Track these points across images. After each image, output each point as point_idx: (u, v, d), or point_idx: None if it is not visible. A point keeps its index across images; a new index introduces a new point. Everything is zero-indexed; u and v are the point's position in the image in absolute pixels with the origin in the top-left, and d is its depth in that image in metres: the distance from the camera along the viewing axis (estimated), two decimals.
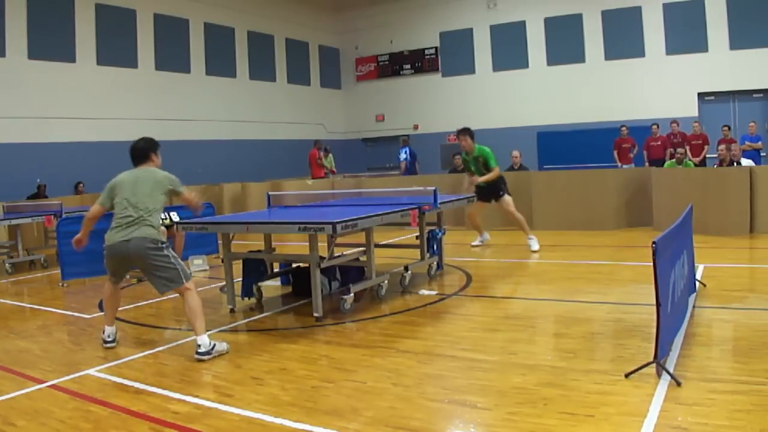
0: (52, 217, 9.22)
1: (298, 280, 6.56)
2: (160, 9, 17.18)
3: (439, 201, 6.75)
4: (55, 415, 3.55)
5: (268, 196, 7.35)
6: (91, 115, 15.13)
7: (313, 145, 16.52)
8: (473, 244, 9.34)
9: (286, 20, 21.20)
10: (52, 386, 4.03)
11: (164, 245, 4.67)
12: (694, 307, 5.01)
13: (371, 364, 4.22)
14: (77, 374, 4.24)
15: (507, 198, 8.83)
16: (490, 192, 8.84)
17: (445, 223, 7.86)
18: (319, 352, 4.66)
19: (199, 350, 4.45)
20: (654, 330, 3.57)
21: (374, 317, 5.48)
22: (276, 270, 6.78)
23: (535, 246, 8.56)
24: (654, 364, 3.57)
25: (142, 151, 5.12)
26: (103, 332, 4.92)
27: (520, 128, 18.89)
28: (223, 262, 5.97)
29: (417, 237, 7.18)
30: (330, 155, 16.59)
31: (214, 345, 4.52)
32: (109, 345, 4.88)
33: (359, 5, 22.39)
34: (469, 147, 8.93)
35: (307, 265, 5.83)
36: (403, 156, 15.70)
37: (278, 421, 3.31)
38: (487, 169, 8.79)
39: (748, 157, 11.80)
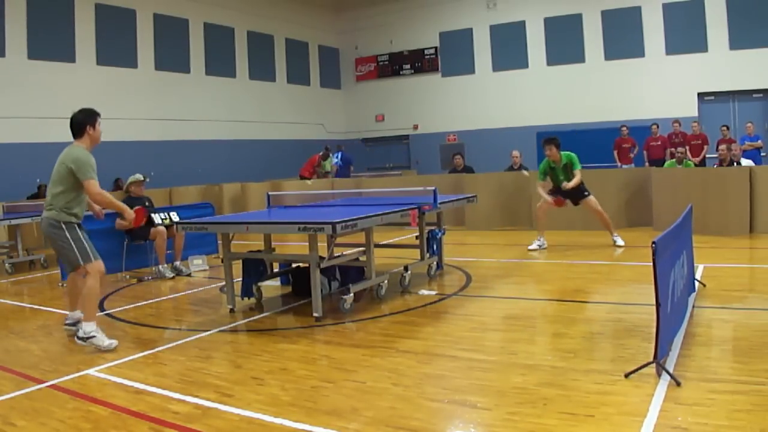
0: None
1: (298, 280, 6.56)
2: (160, 9, 17.18)
3: (439, 201, 6.74)
4: (55, 415, 3.54)
5: (268, 196, 7.35)
6: None
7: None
8: (531, 247, 8.76)
9: (286, 20, 21.20)
10: (52, 386, 4.02)
11: (65, 226, 4.78)
12: (694, 307, 5.01)
13: (371, 364, 4.22)
14: (77, 374, 4.24)
15: (592, 198, 8.73)
16: (575, 194, 8.77)
17: (445, 223, 7.86)
18: (319, 352, 4.66)
19: (78, 333, 4.76)
20: (654, 330, 3.57)
21: (374, 317, 5.48)
22: (276, 270, 6.78)
23: (621, 242, 8.60)
24: (654, 364, 3.57)
25: (77, 124, 4.90)
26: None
27: (520, 128, 18.91)
28: (223, 262, 5.97)
29: (417, 237, 7.18)
30: (330, 156, 16.55)
31: (94, 336, 4.70)
32: (68, 329, 5.22)
33: (359, 5, 22.39)
34: (555, 157, 8.73)
35: (307, 265, 5.83)
36: (335, 160, 15.72)
37: (278, 421, 3.31)
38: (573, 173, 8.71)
39: (748, 157, 11.81)
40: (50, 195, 4.85)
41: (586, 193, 8.75)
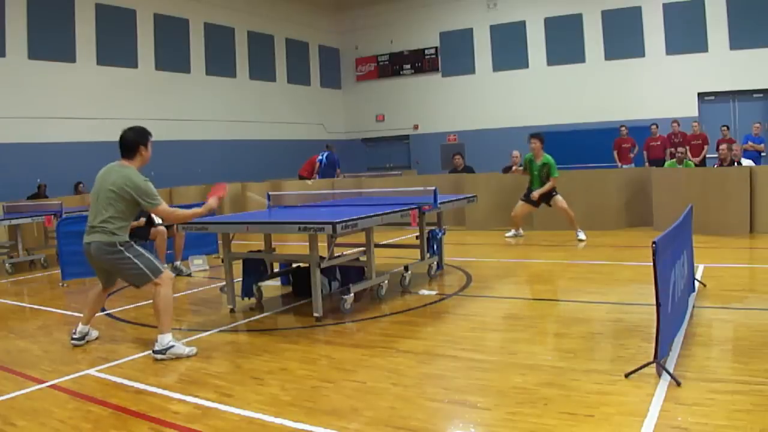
0: (52, 217, 9.21)
1: (298, 280, 6.56)
2: (160, 9, 17.18)
3: (439, 201, 6.74)
4: (55, 415, 3.55)
5: (268, 196, 7.35)
6: (91, 115, 15.12)
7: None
8: (508, 235, 9.98)
9: (286, 20, 21.21)
10: (52, 386, 4.03)
11: (123, 247, 4.53)
12: (694, 307, 5.01)
13: (371, 364, 4.22)
14: (77, 374, 4.24)
15: (559, 197, 9.38)
16: (544, 197, 9.42)
17: (445, 223, 7.86)
18: (319, 352, 4.66)
19: (154, 347, 4.50)
20: (654, 330, 3.57)
21: (374, 317, 5.48)
22: (276, 270, 6.78)
23: (582, 236, 9.23)
24: (654, 364, 3.57)
25: (129, 143, 4.62)
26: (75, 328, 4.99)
27: (520, 128, 18.86)
28: (223, 262, 5.97)
29: (417, 237, 7.18)
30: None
31: (173, 345, 4.49)
32: (75, 343, 4.89)
33: (359, 5, 22.40)
34: (537, 152, 9.42)
35: (307, 265, 5.83)
36: (319, 157, 15.68)
37: (278, 421, 3.31)
38: (548, 177, 9.33)
39: (748, 158, 11.81)
40: (96, 218, 4.52)
41: (554, 193, 9.38)
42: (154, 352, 4.49)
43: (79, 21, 15.27)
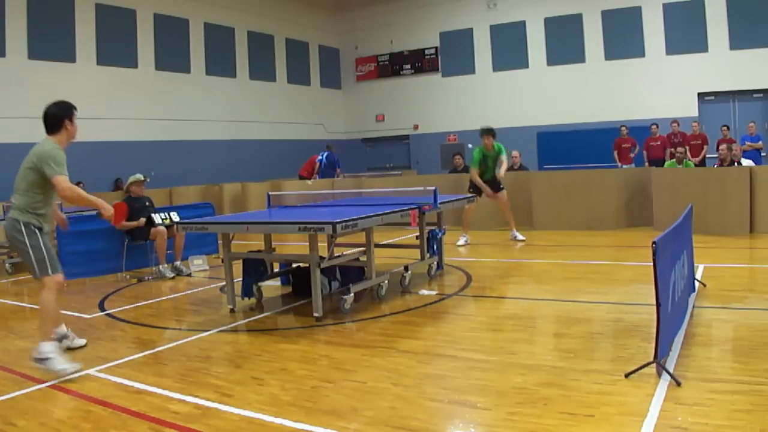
0: None
1: (298, 280, 6.56)
2: (160, 9, 17.19)
3: (439, 201, 6.75)
4: (55, 415, 3.55)
5: (268, 196, 7.35)
6: (91, 115, 15.05)
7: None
8: (459, 243, 9.50)
9: (286, 20, 21.21)
10: (52, 386, 4.02)
11: (28, 228, 4.29)
12: (694, 307, 5.01)
13: (371, 364, 4.22)
14: (77, 374, 4.24)
15: (505, 193, 9.60)
16: (496, 185, 9.57)
17: (445, 223, 7.86)
18: (319, 352, 4.66)
19: (33, 354, 4.22)
20: (654, 330, 3.58)
21: (374, 317, 5.48)
22: (276, 270, 6.78)
23: (521, 237, 9.50)
24: (654, 364, 3.57)
25: (53, 117, 4.44)
26: None
27: (520, 128, 18.91)
28: (223, 262, 5.97)
29: (417, 237, 7.18)
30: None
31: (49, 357, 4.14)
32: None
33: (359, 5, 22.40)
34: (490, 147, 9.48)
35: (307, 265, 5.83)
36: (319, 157, 15.67)
37: (278, 421, 3.31)
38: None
39: (748, 157, 11.81)
40: (15, 195, 4.39)
41: (501, 187, 9.57)
42: (34, 359, 4.20)
43: (79, 21, 15.27)
